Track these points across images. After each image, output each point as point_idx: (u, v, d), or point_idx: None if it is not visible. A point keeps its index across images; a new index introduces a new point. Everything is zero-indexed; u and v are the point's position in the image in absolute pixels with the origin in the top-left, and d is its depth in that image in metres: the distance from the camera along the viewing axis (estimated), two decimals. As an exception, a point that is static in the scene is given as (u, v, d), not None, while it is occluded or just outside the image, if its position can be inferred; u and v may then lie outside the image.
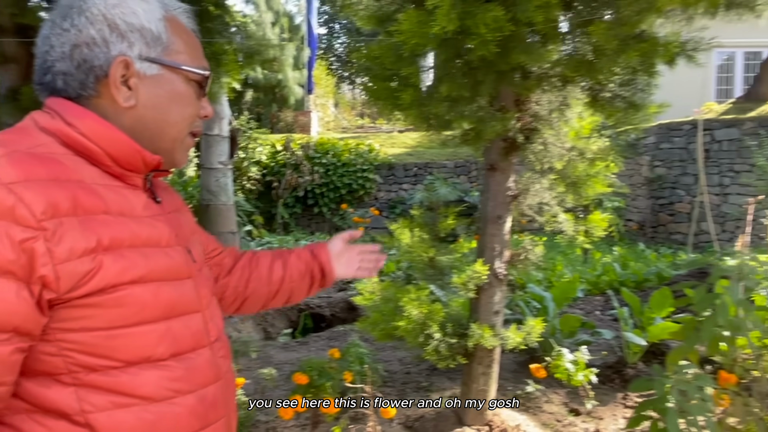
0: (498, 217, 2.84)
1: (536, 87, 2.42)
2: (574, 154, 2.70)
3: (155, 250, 0.82)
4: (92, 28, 0.80)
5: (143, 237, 0.81)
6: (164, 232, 0.86)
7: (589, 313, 5.78)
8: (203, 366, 0.87)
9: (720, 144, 10.07)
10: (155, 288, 0.80)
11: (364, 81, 2.51)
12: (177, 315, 0.84)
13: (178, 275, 0.85)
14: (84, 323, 0.73)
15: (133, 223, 0.80)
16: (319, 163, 11.50)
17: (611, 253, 8.60)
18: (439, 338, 2.70)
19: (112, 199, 0.79)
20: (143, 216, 0.83)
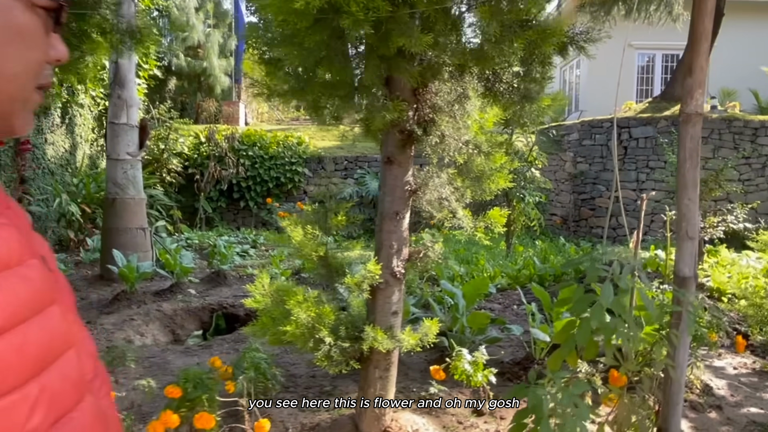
0: (395, 213, 2.69)
1: (429, 76, 2.27)
2: (471, 148, 2.58)
3: (5, 274, 0.54)
4: None
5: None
6: (12, 239, 0.57)
7: (507, 308, 5.80)
8: (89, 424, 0.63)
9: (637, 141, 10.47)
10: (20, 335, 0.54)
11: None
12: (49, 364, 0.58)
13: (41, 304, 0.59)
14: None
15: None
16: (245, 156, 11.09)
17: (533, 247, 8.75)
18: (330, 343, 2.53)
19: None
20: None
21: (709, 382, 3.66)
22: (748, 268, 6.44)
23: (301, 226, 2.68)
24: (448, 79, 2.63)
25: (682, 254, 1.98)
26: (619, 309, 1.55)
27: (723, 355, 4.25)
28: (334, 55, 1.96)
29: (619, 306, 1.55)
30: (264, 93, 2.10)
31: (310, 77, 2.06)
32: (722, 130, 10.24)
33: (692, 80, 1.90)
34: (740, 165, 10.12)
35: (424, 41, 1.79)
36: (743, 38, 13.92)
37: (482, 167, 2.93)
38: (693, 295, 1.91)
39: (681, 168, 1.96)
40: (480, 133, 3.07)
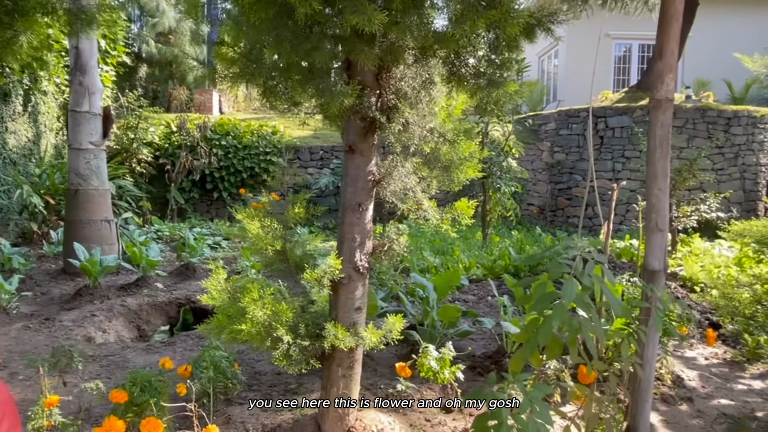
0: (358, 205, 2.57)
1: (390, 59, 2.14)
2: (435, 136, 2.46)
3: None
4: None
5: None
6: None
7: (481, 299, 5.73)
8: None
9: (613, 131, 10.47)
10: None
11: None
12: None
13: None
14: None
15: None
16: (218, 145, 10.83)
17: (510, 237, 8.71)
18: (288, 341, 2.40)
19: None
20: None
21: (680, 373, 3.62)
22: (720, 257, 6.47)
23: (258, 218, 2.55)
24: (413, 63, 2.50)
25: (652, 247, 1.89)
26: (582, 306, 1.46)
27: (695, 345, 4.23)
28: (283, 35, 1.82)
29: (582, 303, 1.45)
30: (212, 77, 1.94)
31: (258, 59, 1.92)
32: (696, 119, 10.30)
33: (662, 64, 1.80)
34: (713, 154, 10.20)
35: (379, 19, 1.66)
36: (718, 29, 14.03)
37: (450, 156, 2.82)
38: (662, 290, 1.83)
39: (651, 157, 1.86)
40: (448, 121, 2.96)
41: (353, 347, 2.54)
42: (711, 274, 5.10)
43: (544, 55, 16.73)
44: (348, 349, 2.55)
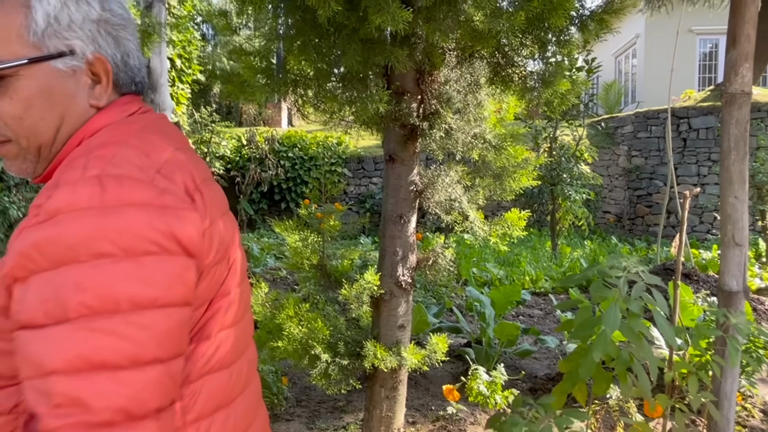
0: (399, 217, 2.44)
1: (425, 60, 2.00)
2: (480, 142, 2.29)
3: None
4: None
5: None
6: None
7: (549, 314, 5.41)
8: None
9: (697, 132, 9.72)
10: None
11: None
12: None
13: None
14: None
15: None
16: (285, 157, 11.07)
17: (582, 248, 8.24)
18: (327, 360, 2.30)
19: None
20: None
21: (775, 404, 3.19)
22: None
23: (297, 231, 2.47)
24: (456, 65, 2.35)
25: (728, 264, 1.62)
26: (630, 336, 1.24)
27: (793, 371, 3.74)
28: (307, 41, 1.73)
29: (630, 332, 1.24)
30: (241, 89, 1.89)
31: (285, 68, 1.84)
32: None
33: (736, 52, 1.55)
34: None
35: (404, 17, 1.53)
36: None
37: (502, 163, 2.64)
38: (741, 315, 1.56)
39: (725, 160, 1.60)
40: (499, 126, 2.77)
41: (396, 368, 2.41)
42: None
43: (620, 55, 15.90)
44: (390, 370, 2.41)
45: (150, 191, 0.65)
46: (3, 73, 0.69)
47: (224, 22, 1.81)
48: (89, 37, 0.74)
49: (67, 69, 0.72)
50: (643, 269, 1.38)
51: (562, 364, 1.39)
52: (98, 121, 0.76)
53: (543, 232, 9.44)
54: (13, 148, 0.74)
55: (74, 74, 0.73)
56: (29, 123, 0.72)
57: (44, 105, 0.72)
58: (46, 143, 0.74)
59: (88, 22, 0.73)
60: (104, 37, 0.75)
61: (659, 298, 1.40)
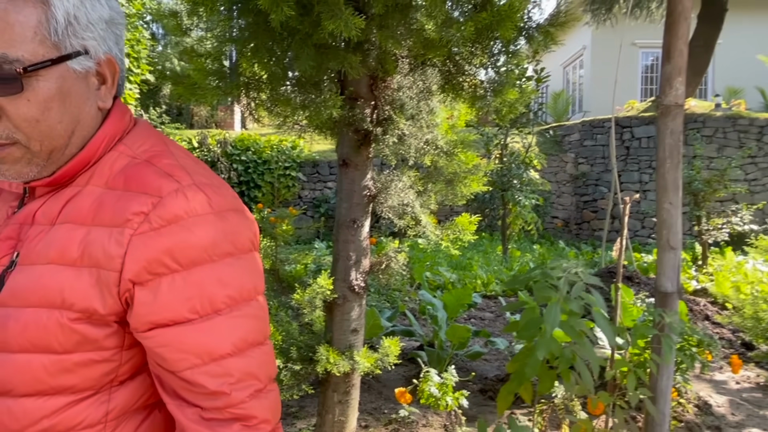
0: (353, 221, 2.45)
1: (377, 67, 2.03)
2: (432, 148, 2.33)
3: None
4: None
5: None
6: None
7: (499, 317, 5.53)
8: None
9: (639, 141, 10.17)
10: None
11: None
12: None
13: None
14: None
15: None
16: (238, 161, 10.89)
17: (531, 252, 8.47)
18: (278, 365, 2.28)
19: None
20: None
21: (708, 399, 3.38)
22: (755, 272, 6.13)
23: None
24: (409, 72, 2.39)
25: (663, 267, 1.72)
26: (572, 334, 1.30)
27: (725, 368, 3.96)
28: (260, 45, 1.72)
29: (571, 330, 1.29)
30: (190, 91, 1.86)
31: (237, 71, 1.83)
32: (727, 128, 9.92)
33: (671, 66, 1.65)
34: (746, 164, 9.80)
35: (356, 24, 1.55)
36: (749, 35, 13.58)
37: (453, 169, 2.69)
38: (675, 315, 1.65)
39: (660, 168, 1.70)
40: (450, 133, 2.83)
41: (348, 372, 2.41)
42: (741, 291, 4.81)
43: (568, 66, 16.46)
44: (343, 374, 2.41)
45: (233, 196, 0.75)
46: (24, 73, 0.66)
47: (174, 22, 1.78)
48: (101, 36, 0.72)
49: (82, 70, 0.71)
50: (582, 270, 1.44)
51: (509, 365, 1.43)
52: (116, 124, 0.76)
53: (494, 236, 9.65)
54: (17, 151, 0.69)
55: (86, 76, 0.72)
56: (45, 126, 0.69)
57: (61, 107, 0.69)
58: (59, 147, 0.71)
59: (101, 22, 0.72)
60: (111, 37, 0.74)
61: (598, 298, 1.46)
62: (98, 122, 0.75)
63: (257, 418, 0.71)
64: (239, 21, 1.67)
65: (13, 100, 0.66)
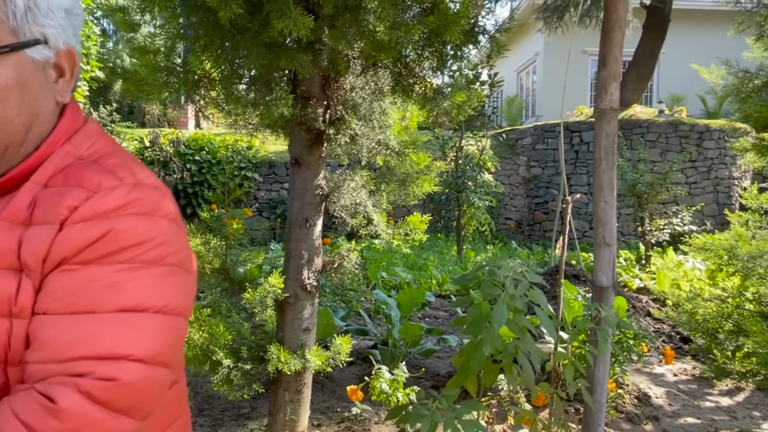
0: (305, 220, 2.46)
1: (329, 67, 2.05)
2: (383, 149, 2.37)
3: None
4: None
5: None
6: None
7: (453, 315, 5.62)
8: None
9: (588, 145, 10.52)
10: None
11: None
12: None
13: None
14: None
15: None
16: (191, 161, 10.65)
17: (485, 252, 8.65)
18: (229, 365, 2.27)
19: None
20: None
21: (647, 390, 3.54)
22: (693, 270, 6.45)
23: (199, 235, 2.43)
24: (361, 73, 2.42)
25: (600, 262, 1.81)
26: (514, 329, 1.36)
27: (663, 361, 4.16)
28: (209, 43, 1.72)
29: (515, 326, 1.36)
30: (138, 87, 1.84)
31: (186, 68, 1.82)
32: (669, 134, 10.39)
33: (606, 72, 1.74)
34: (686, 168, 10.28)
35: (305, 24, 1.57)
36: (691, 45, 14.26)
37: (406, 169, 2.74)
38: (611, 308, 1.75)
39: (596, 169, 1.79)
40: (403, 134, 2.88)
41: (300, 371, 2.42)
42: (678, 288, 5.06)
43: (522, 71, 16.87)
44: (294, 373, 2.42)
45: (175, 207, 0.72)
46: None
47: (123, 17, 1.75)
48: (61, 25, 0.68)
49: (41, 59, 0.66)
50: (527, 270, 1.51)
51: (456, 359, 1.48)
52: (72, 122, 0.72)
53: (450, 237, 9.80)
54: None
55: (44, 66, 0.68)
56: (2, 118, 0.63)
57: (19, 99, 0.64)
58: (15, 143, 0.66)
59: (61, 10, 0.68)
60: (70, 27, 0.70)
61: (541, 296, 1.53)
62: (55, 119, 0.70)
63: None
64: (189, 18, 1.67)
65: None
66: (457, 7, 2.01)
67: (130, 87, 1.83)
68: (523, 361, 1.42)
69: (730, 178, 10.59)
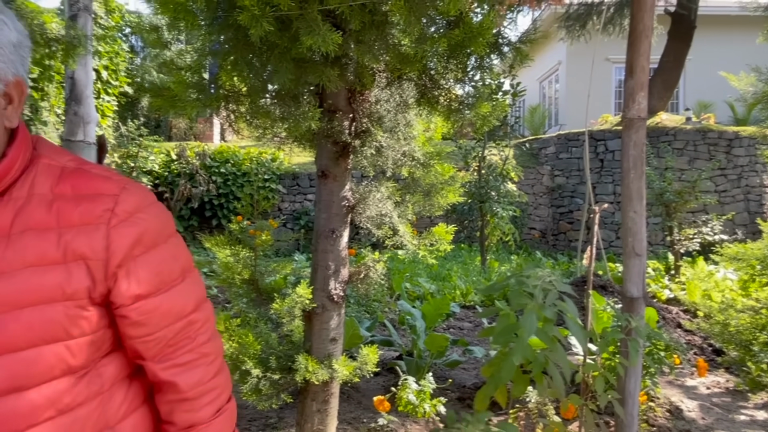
0: (332, 231, 2.49)
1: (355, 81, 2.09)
2: (409, 160, 2.39)
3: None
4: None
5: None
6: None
7: (478, 326, 5.59)
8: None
9: (613, 154, 10.40)
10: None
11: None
12: None
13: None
14: None
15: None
16: (217, 173, 10.83)
17: (509, 262, 8.58)
18: (258, 375, 2.30)
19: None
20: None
21: (679, 404, 3.46)
22: (725, 281, 6.30)
23: (229, 246, 2.47)
24: (386, 86, 2.45)
25: (630, 273, 1.79)
26: (544, 339, 1.36)
27: (695, 374, 4.07)
28: (239, 59, 1.77)
29: (545, 336, 1.35)
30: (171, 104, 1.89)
31: (217, 84, 1.87)
32: (697, 141, 10.21)
33: (633, 82, 1.73)
34: (716, 176, 10.08)
35: (334, 40, 1.60)
36: (719, 51, 14.03)
37: (430, 180, 2.75)
38: (641, 319, 1.72)
39: (625, 178, 1.78)
40: (427, 145, 2.90)
41: (327, 381, 2.43)
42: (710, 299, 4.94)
43: (544, 80, 16.78)
44: (322, 383, 2.44)
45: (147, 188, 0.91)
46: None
47: (155, 36, 1.81)
48: (10, 60, 0.77)
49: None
50: (556, 279, 1.50)
51: (485, 369, 1.48)
52: (26, 142, 0.81)
53: (473, 247, 9.75)
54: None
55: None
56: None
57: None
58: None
59: (9, 45, 0.76)
60: (18, 59, 0.79)
61: (571, 306, 1.52)
62: (5, 140, 0.79)
63: (213, 353, 0.92)
64: (219, 35, 1.72)
65: None
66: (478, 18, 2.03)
67: (162, 102, 1.88)
68: (553, 371, 1.41)
69: (762, 186, 10.34)
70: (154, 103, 1.87)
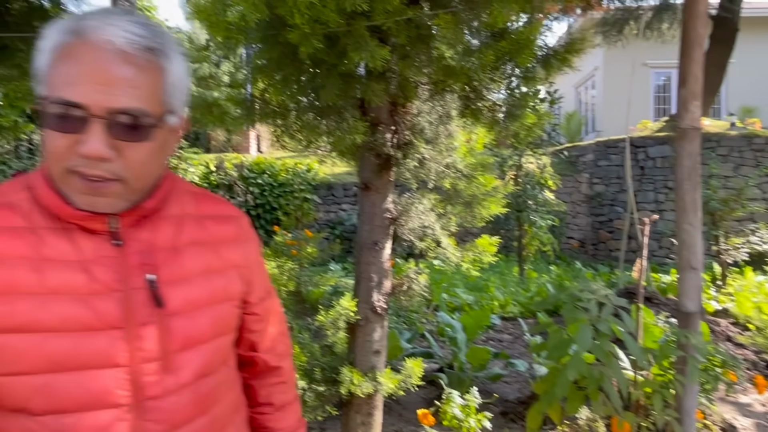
0: (374, 243, 2.50)
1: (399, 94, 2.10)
2: (452, 171, 2.39)
3: (65, 297, 0.79)
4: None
5: (52, 284, 0.78)
6: (97, 277, 0.82)
7: (518, 338, 5.50)
8: (92, 429, 0.82)
9: (654, 161, 10.14)
10: (40, 339, 0.77)
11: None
12: (67, 369, 0.79)
13: (84, 326, 0.80)
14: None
15: (51, 269, 0.79)
16: (254, 184, 11.02)
17: (548, 273, 8.43)
18: (303, 387, 2.32)
19: (50, 244, 0.80)
20: (74, 261, 0.80)
21: (733, 421, 3.33)
22: (776, 292, 6.04)
23: (274, 258, 2.50)
24: (428, 98, 2.46)
25: (685, 287, 1.73)
26: (601, 355, 1.32)
27: (749, 390, 3.91)
28: (289, 76, 1.80)
29: (601, 351, 1.32)
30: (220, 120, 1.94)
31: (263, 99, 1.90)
32: (742, 147, 9.87)
33: (686, 91, 1.69)
34: (763, 183, 9.71)
35: (381, 55, 1.62)
36: (763, 55, 13.58)
37: (472, 191, 2.74)
38: (699, 335, 1.67)
39: (679, 190, 1.73)
40: (469, 156, 2.88)
41: (371, 393, 2.43)
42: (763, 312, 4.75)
43: (580, 86, 16.53)
44: (366, 396, 2.44)
45: None
46: (153, 123, 0.80)
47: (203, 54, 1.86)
48: (184, 100, 0.88)
49: (174, 126, 0.86)
50: (611, 293, 1.46)
51: (537, 385, 1.45)
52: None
53: (510, 257, 9.63)
54: (118, 187, 0.80)
55: (174, 130, 0.88)
56: (150, 168, 0.83)
57: (160, 154, 0.84)
58: (148, 186, 0.86)
59: (186, 89, 0.88)
60: (186, 100, 0.90)
61: (627, 320, 1.48)
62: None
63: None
64: (267, 53, 1.75)
65: (134, 145, 0.79)
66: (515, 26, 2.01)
67: (213, 119, 1.93)
68: (609, 388, 1.38)
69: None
70: (204, 119, 1.92)
